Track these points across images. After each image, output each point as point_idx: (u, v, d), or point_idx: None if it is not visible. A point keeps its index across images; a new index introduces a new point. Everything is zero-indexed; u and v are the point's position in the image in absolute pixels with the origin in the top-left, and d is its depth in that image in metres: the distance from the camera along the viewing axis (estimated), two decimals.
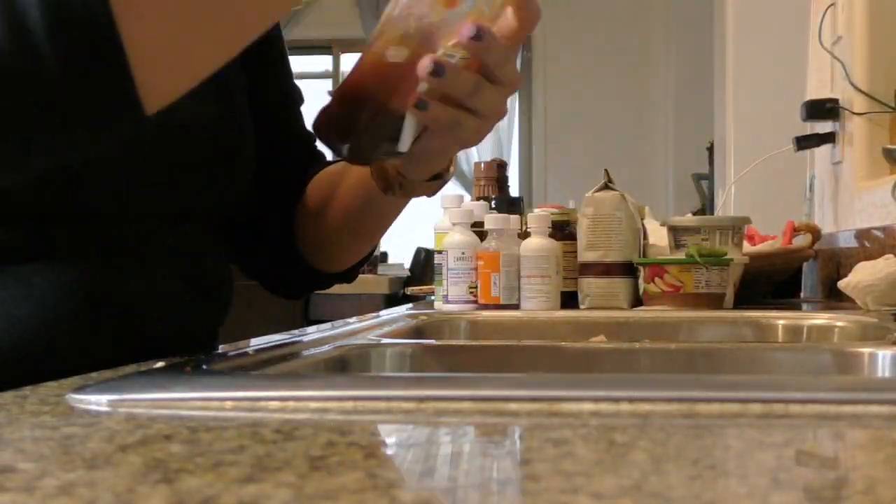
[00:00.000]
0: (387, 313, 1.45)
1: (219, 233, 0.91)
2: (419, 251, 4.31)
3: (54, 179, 0.74)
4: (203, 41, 0.62)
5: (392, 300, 3.47)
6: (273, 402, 0.52)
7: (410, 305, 1.77)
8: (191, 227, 0.85)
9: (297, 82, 1.04)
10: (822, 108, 2.02)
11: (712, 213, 3.15)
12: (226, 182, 0.87)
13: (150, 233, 0.81)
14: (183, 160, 0.82)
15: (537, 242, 1.55)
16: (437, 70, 0.69)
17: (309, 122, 0.98)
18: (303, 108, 1.04)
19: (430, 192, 0.88)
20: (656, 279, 1.54)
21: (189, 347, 0.83)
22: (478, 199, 1.91)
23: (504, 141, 5.68)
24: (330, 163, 1.01)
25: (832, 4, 2.05)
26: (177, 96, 0.63)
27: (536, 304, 1.53)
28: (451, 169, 0.88)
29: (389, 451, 0.46)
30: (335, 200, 0.95)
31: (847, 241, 1.85)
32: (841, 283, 1.39)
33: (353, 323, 1.16)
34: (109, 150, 0.75)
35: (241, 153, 0.88)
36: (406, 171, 0.85)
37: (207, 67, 0.63)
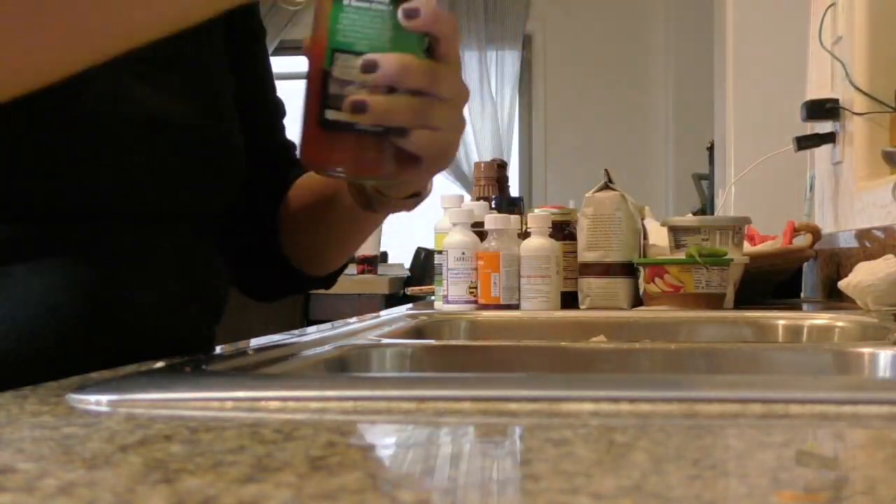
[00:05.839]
0: (387, 313, 1.45)
1: (213, 233, 0.92)
2: (419, 251, 4.31)
3: (46, 181, 0.74)
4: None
5: (392, 300, 3.47)
6: (273, 402, 0.52)
7: (410, 305, 1.77)
8: (185, 227, 0.85)
9: (298, 82, 1.05)
10: (822, 108, 2.01)
11: (712, 213, 3.15)
12: (217, 185, 0.88)
13: (145, 233, 0.81)
14: (173, 162, 0.82)
15: (537, 242, 1.55)
16: (359, 107, 0.70)
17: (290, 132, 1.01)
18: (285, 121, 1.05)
19: (409, 209, 0.91)
20: (656, 279, 1.54)
21: (186, 348, 0.83)
22: (478, 199, 1.91)
23: (504, 141, 5.68)
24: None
25: (832, 4, 2.05)
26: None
27: (536, 304, 1.53)
28: (429, 187, 0.89)
29: (389, 451, 0.46)
30: (319, 211, 0.96)
31: (847, 242, 1.85)
32: (841, 283, 1.39)
33: (353, 323, 1.16)
34: (95, 153, 0.75)
35: (231, 157, 0.89)
36: (384, 190, 0.87)
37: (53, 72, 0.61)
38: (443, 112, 0.73)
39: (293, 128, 0.78)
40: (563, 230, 1.68)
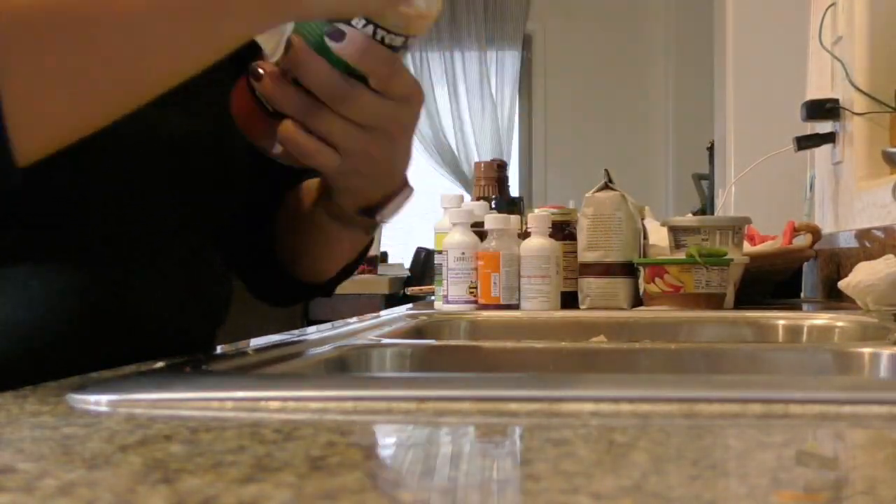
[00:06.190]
0: (387, 313, 1.45)
1: (217, 237, 0.92)
2: (419, 251, 4.31)
3: (47, 186, 0.74)
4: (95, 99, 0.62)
5: (392, 300, 3.47)
6: (273, 402, 0.52)
7: (410, 305, 1.77)
8: (187, 231, 0.86)
9: None
10: (822, 108, 2.02)
11: (712, 213, 3.15)
12: (223, 194, 0.88)
13: (146, 236, 0.81)
14: (177, 173, 0.82)
15: (537, 242, 1.55)
16: (255, 74, 0.71)
17: None
18: None
19: (367, 233, 0.89)
20: (656, 279, 1.55)
21: (186, 348, 0.83)
22: (478, 199, 1.91)
23: (504, 141, 5.69)
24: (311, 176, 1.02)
25: (832, 4, 2.05)
26: (63, 146, 0.63)
27: (536, 304, 1.54)
28: (388, 210, 0.85)
29: (389, 451, 0.46)
30: (303, 220, 0.95)
31: (847, 242, 1.85)
32: (841, 284, 1.39)
33: (353, 323, 1.16)
34: (99, 163, 0.75)
35: (234, 166, 0.89)
36: (338, 197, 0.85)
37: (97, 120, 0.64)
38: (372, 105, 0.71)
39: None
40: (563, 230, 1.68)
